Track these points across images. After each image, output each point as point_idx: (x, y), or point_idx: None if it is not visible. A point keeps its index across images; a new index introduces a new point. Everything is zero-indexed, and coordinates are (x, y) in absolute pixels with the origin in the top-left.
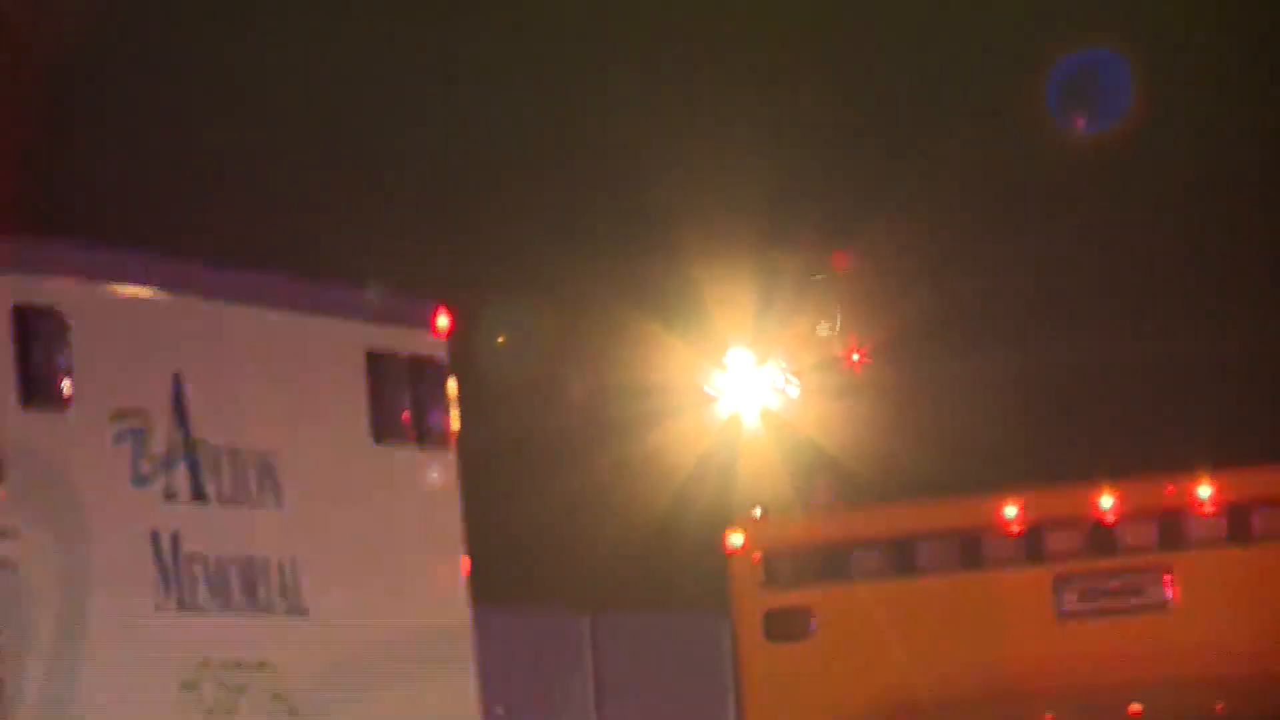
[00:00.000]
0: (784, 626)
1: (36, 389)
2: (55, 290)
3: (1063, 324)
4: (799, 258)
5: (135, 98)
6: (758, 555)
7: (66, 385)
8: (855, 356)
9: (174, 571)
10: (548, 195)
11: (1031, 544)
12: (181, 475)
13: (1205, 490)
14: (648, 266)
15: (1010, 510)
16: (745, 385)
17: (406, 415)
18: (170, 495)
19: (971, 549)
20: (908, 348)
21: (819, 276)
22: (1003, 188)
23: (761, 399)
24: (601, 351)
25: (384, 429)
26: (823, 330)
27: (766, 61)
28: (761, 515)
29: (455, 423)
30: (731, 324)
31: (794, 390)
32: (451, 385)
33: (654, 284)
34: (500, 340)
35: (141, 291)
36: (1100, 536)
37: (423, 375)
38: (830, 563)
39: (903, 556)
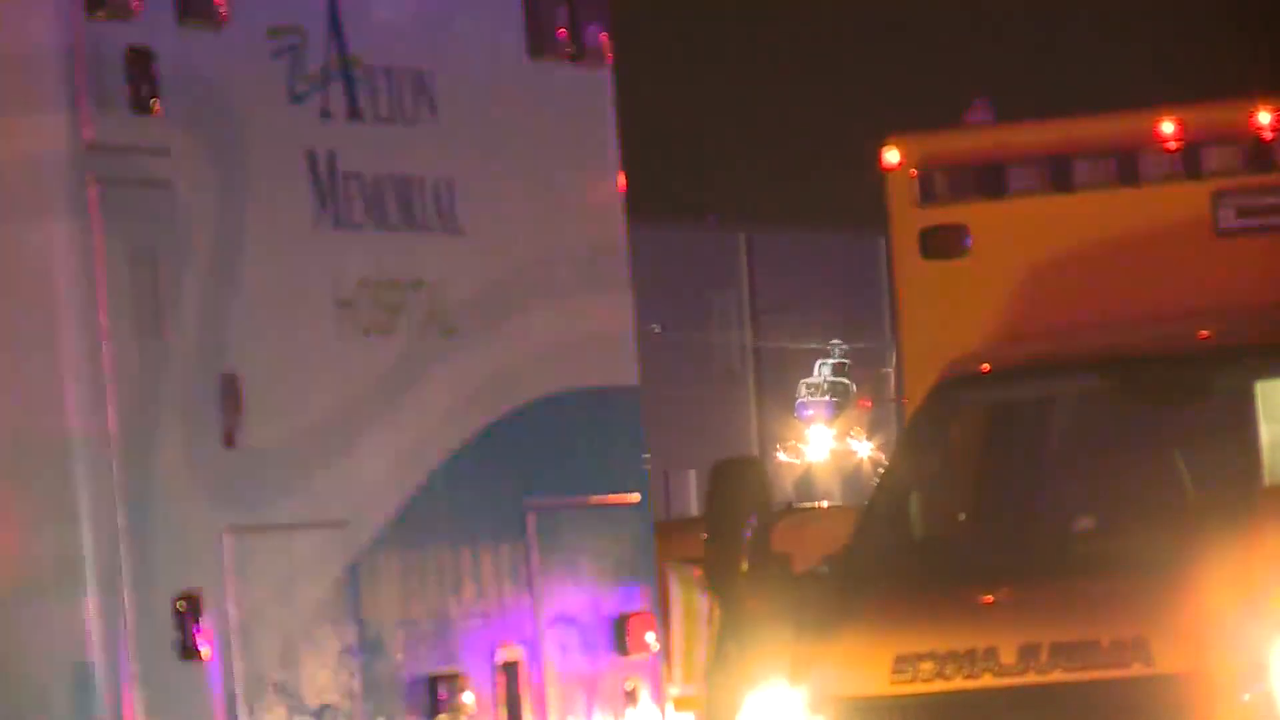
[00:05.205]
0: (940, 243)
1: (192, 4)
2: None
3: None
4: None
5: None
6: (914, 171)
7: (223, 0)
8: None
9: (330, 190)
10: None
11: (1189, 160)
12: (337, 93)
13: None
14: None
15: (1168, 126)
16: None
17: (563, 31)
18: (326, 113)
19: (1129, 165)
20: None
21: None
22: None
23: None
24: None
25: (540, 45)
26: None
27: None
28: (918, 132)
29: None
30: None
31: None
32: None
33: None
34: None
35: None
36: (1259, 152)
37: None
38: (987, 179)
39: (1059, 172)
